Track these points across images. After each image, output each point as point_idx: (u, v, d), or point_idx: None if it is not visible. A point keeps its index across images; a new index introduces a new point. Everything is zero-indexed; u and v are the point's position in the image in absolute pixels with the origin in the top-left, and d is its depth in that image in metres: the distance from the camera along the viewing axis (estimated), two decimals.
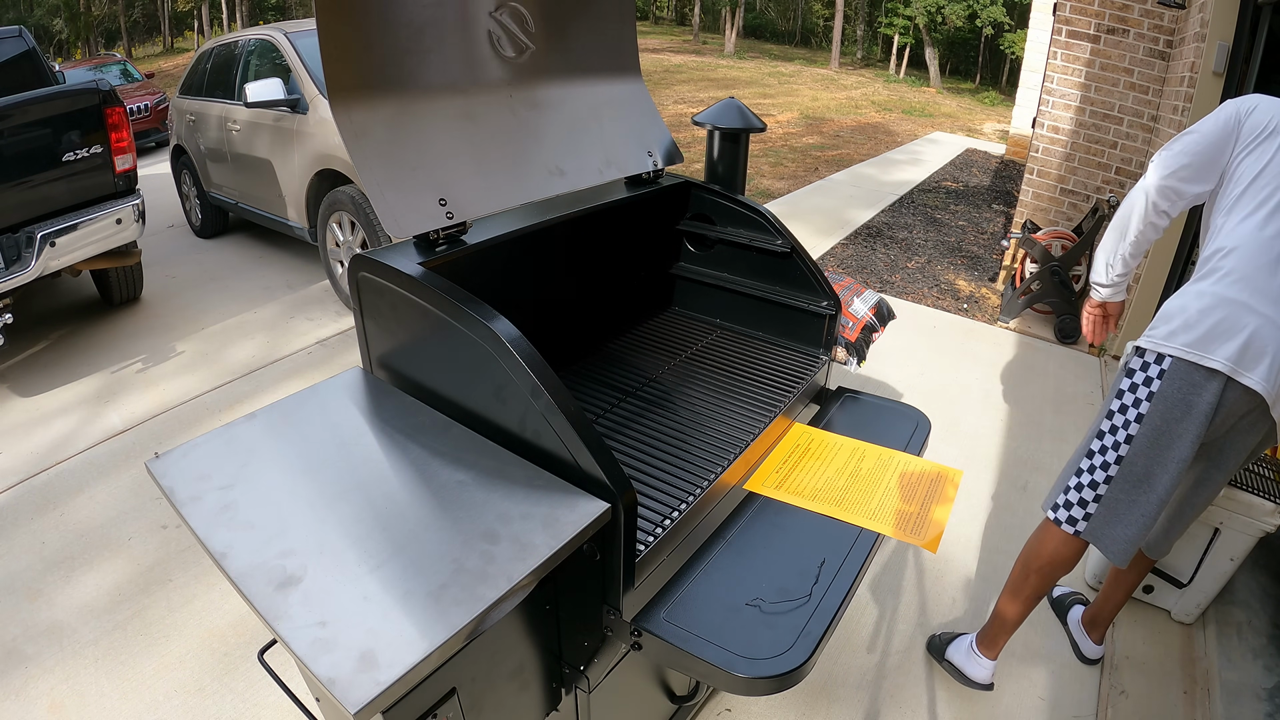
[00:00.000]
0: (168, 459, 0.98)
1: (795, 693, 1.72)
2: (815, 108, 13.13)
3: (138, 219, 3.49)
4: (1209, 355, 1.28)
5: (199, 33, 27.74)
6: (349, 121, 1.08)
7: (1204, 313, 1.31)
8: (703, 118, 1.73)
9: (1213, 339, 1.29)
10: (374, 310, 1.18)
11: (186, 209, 5.76)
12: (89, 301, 4.25)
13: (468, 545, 0.83)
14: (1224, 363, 1.27)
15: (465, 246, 1.19)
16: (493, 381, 0.99)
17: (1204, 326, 1.30)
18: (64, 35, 27.66)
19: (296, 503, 0.90)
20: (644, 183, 1.62)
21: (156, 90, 10.24)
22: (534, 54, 1.34)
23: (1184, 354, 1.31)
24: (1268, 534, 1.75)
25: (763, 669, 0.95)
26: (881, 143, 9.85)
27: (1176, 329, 1.34)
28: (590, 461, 0.91)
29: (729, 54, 24.13)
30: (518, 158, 1.31)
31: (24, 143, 3.03)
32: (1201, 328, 1.30)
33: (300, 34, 4.20)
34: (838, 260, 4.88)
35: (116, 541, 2.28)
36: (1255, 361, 1.26)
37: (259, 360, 3.49)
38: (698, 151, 7.42)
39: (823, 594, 1.08)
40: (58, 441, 2.84)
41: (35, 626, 1.97)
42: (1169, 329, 1.35)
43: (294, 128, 3.97)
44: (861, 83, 18.75)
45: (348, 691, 0.65)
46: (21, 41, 3.65)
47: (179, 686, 1.78)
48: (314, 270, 4.69)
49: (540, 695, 1.09)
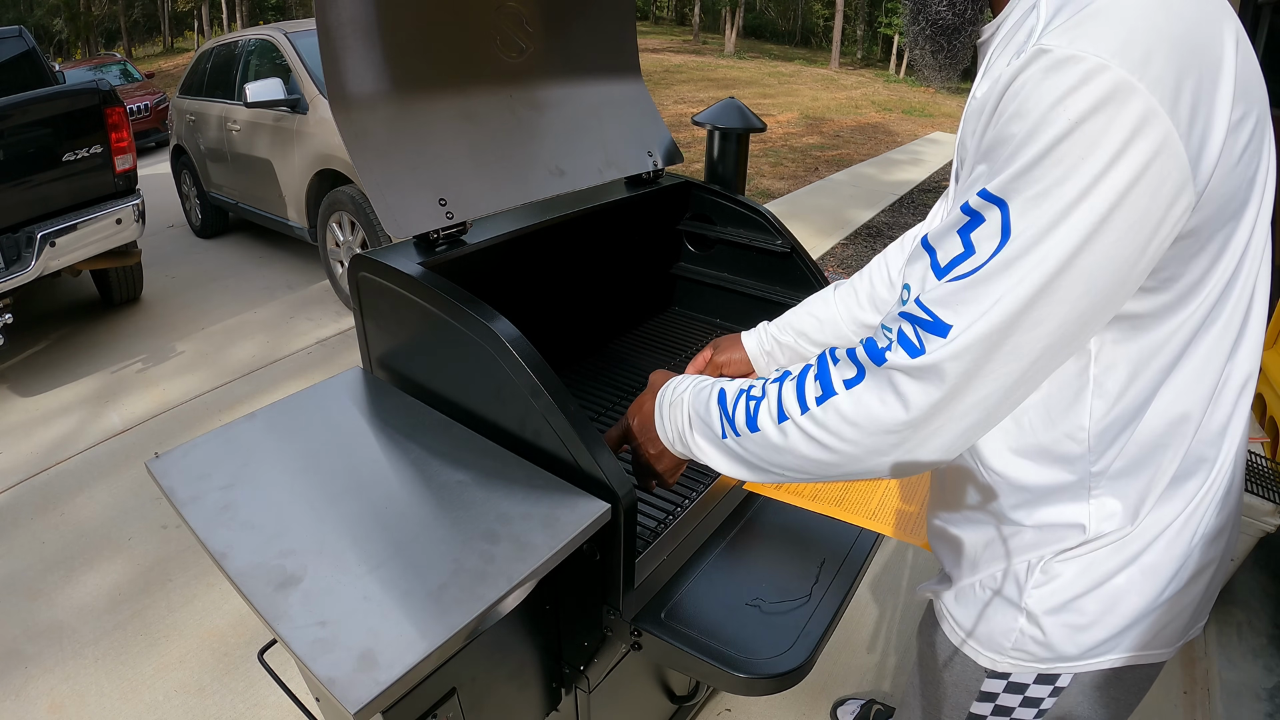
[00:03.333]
0: (168, 459, 0.98)
1: (795, 693, 1.72)
2: (815, 108, 13.13)
3: (138, 219, 3.49)
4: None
5: (199, 33, 27.75)
6: (349, 121, 1.08)
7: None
8: (703, 118, 1.73)
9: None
10: (374, 310, 1.18)
11: (186, 209, 5.76)
12: (89, 301, 4.25)
13: (468, 545, 0.83)
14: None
15: (465, 246, 1.19)
16: (493, 381, 0.99)
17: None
18: (64, 35, 27.68)
19: (296, 503, 0.90)
20: (644, 183, 1.62)
21: (156, 90, 10.24)
22: (534, 54, 1.34)
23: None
24: (1268, 534, 1.75)
25: (763, 669, 0.95)
26: (881, 143, 9.85)
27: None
28: (590, 461, 0.91)
29: (729, 54, 24.14)
30: (518, 158, 1.31)
31: (24, 143, 3.04)
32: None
33: (300, 34, 4.20)
34: (838, 260, 4.88)
35: (116, 541, 2.28)
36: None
37: (259, 360, 3.49)
38: (698, 151, 7.43)
39: (823, 594, 1.08)
40: (58, 441, 2.85)
41: (35, 626, 1.97)
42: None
43: (294, 128, 3.97)
44: (861, 83, 18.75)
45: (348, 691, 0.65)
46: (21, 41, 3.65)
47: (179, 686, 1.79)
48: (314, 270, 4.69)
49: (540, 695, 1.09)
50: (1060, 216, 0.51)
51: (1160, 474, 0.66)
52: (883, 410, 0.59)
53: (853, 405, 0.60)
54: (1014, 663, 0.77)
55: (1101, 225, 0.51)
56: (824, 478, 0.66)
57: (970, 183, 0.57)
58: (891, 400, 0.58)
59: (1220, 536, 0.72)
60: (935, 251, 0.58)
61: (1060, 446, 0.67)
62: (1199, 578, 0.72)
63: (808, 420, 0.63)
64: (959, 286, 0.55)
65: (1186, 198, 0.52)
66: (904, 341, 0.57)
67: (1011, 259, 0.53)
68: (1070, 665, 0.75)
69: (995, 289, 0.54)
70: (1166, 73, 0.49)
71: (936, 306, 0.56)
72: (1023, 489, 0.71)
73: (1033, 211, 0.52)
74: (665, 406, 0.82)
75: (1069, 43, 0.50)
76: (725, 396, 0.74)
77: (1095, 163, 0.50)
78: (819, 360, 0.65)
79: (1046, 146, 0.51)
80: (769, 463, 0.69)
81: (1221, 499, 0.70)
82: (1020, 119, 0.52)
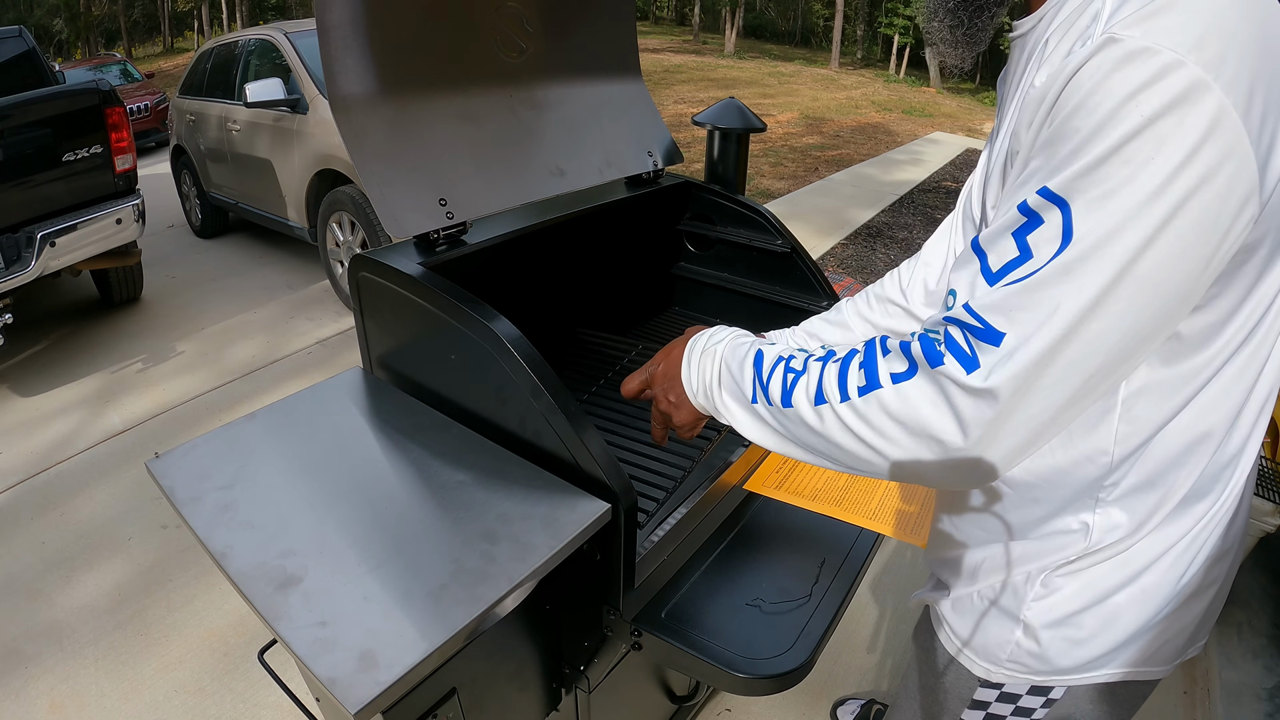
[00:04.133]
0: (168, 459, 0.98)
1: (795, 693, 1.72)
2: (815, 108, 13.13)
3: (138, 219, 3.49)
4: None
5: (199, 33, 27.75)
6: (349, 121, 1.08)
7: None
8: (703, 118, 1.72)
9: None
10: (374, 310, 1.18)
11: (186, 209, 5.76)
12: (89, 301, 4.25)
13: (468, 545, 0.83)
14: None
15: (465, 246, 1.19)
16: (493, 381, 0.99)
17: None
18: (64, 35, 27.68)
19: (296, 503, 0.90)
20: (644, 183, 1.62)
21: (156, 90, 10.24)
22: (534, 54, 1.34)
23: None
24: (1268, 534, 1.75)
25: (763, 669, 0.95)
26: (881, 143, 9.85)
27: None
28: (590, 461, 0.91)
29: (729, 54, 24.14)
30: (518, 158, 1.31)
31: (24, 143, 3.04)
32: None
33: (300, 34, 4.20)
34: (838, 260, 4.88)
35: (116, 541, 2.28)
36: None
37: (259, 360, 3.49)
38: (698, 151, 7.43)
39: (823, 594, 1.08)
40: (58, 441, 2.85)
41: (35, 626, 1.97)
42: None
43: (294, 128, 3.97)
44: (861, 83, 18.75)
45: (348, 691, 0.65)
46: (21, 41, 3.65)
47: (179, 686, 1.79)
48: (314, 270, 4.69)
49: (540, 695, 1.09)
50: (1127, 219, 0.47)
51: (1172, 493, 0.64)
52: (933, 415, 0.54)
53: (900, 403, 0.56)
54: (1009, 674, 0.76)
55: (1169, 230, 0.47)
56: (854, 470, 0.62)
57: (1026, 178, 0.54)
58: (943, 408, 0.54)
59: (1224, 558, 0.70)
60: (986, 255, 0.54)
61: (1079, 469, 0.65)
62: (1199, 598, 0.70)
63: (847, 409, 0.59)
64: (1014, 291, 0.51)
65: (1252, 207, 0.49)
66: (954, 348, 0.53)
67: (1072, 263, 0.49)
68: (1064, 678, 0.73)
69: (1054, 295, 0.50)
70: (1241, 74, 0.46)
71: (989, 313, 0.52)
72: (1034, 503, 0.69)
73: (1098, 213, 0.48)
74: (696, 355, 0.76)
75: (1143, 34, 0.47)
76: (763, 359, 0.68)
77: (1165, 163, 0.46)
78: (866, 347, 0.60)
79: (1115, 144, 0.47)
80: (799, 440, 0.65)
81: (1229, 521, 0.68)
82: (1086, 113, 0.49)
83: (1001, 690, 0.78)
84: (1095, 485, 0.66)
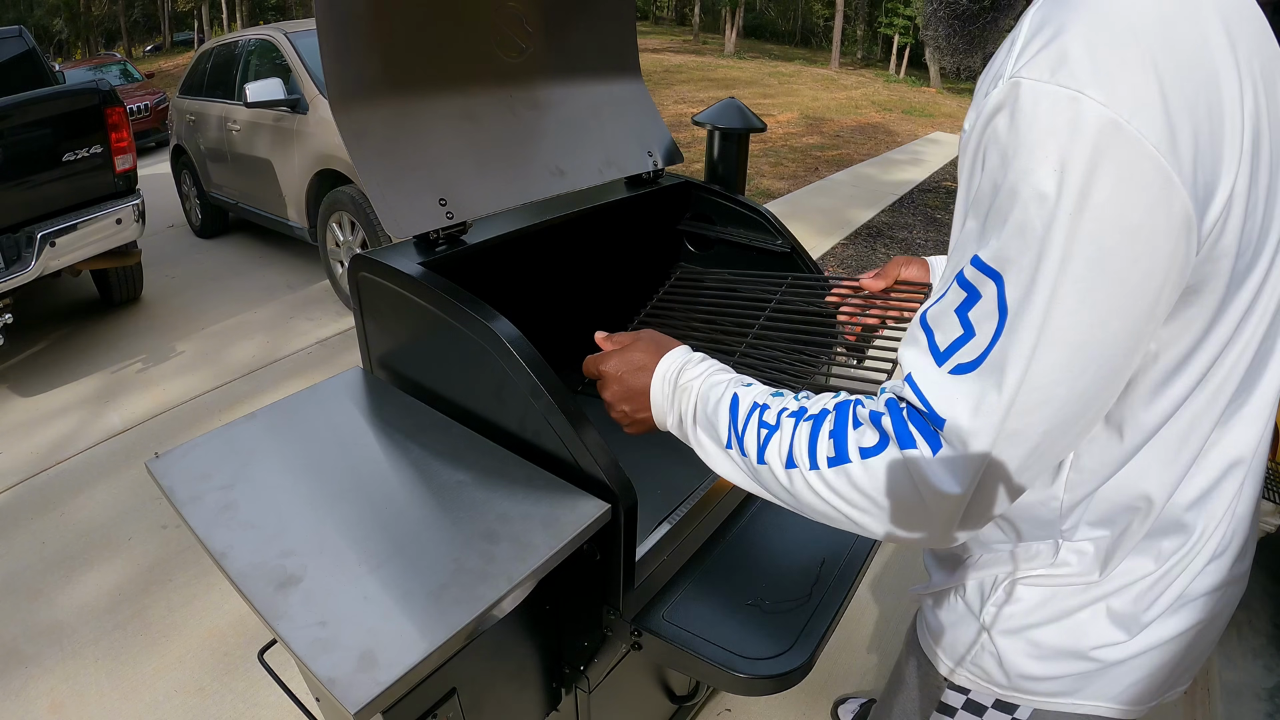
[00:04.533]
0: (168, 459, 0.98)
1: (795, 693, 1.72)
2: (815, 108, 13.12)
3: (138, 219, 3.49)
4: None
5: (198, 33, 27.75)
6: (349, 121, 1.08)
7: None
8: (703, 118, 1.72)
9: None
10: (374, 310, 1.18)
11: (186, 209, 5.76)
12: (89, 301, 4.25)
13: (468, 545, 0.83)
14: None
15: (465, 246, 1.19)
16: (493, 381, 0.99)
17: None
18: (64, 35, 27.68)
19: (296, 503, 0.90)
20: (644, 183, 1.62)
21: (156, 90, 10.25)
22: (534, 54, 1.34)
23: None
24: (1268, 534, 1.75)
25: (763, 669, 0.95)
26: (882, 143, 9.85)
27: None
28: (590, 461, 0.91)
29: (729, 54, 24.14)
30: (518, 158, 1.31)
31: (24, 143, 3.04)
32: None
33: (300, 34, 4.20)
34: (838, 260, 4.88)
35: (116, 541, 2.28)
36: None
37: (259, 360, 3.49)
38: (698, 151, 7.42)
39: (823, 594, 1.08)
40: (58, 441, 2.85)
41: (35, 626, 1.97)
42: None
43: (294, 128, 3.97)
44: (862, 83, 18.75)
45: (348, 691, 0.65)
46: (21, 41, 3.65)
47: (179, 686, 1.79)
48: (314, 270, 4.69)
49: (540, 695, 1.09)
50: (1056, 288, 0.46)
51: (1129, 533, 0.65)
52: (899, 491, 0.55)
53: (868, 479, 0.56)
54: (970, 678, 0.76)
55: (1102, 294, 0.46)
56: (830, 523, 0.62)
57: (964, 241, 0.54)
58: (909, 487, 0.54)
59: (1206, 602, 0.69)
60: (934, 334, 0.54)
61: (1040, 508, 0.67)
62: (1175, 640, 0.69)
63: (816, 478, 0.59)
64: (962, 377, 0.51)
65: (1189, 244, 0.47)
66: (920, 426, 0.54)
67: (1013, 340, 0.49)
68: (1030, 699, 0.73)
69: (997, 376, 0.49)
70: (1158, 104, 0.44)
71: (941, 397, 0.52)
72: (1009, 525, 0.71)
73: (1027, 283, 0.47)
74: (671, 388, 0.74)
75: (1049, 74, 0.45)
76: (738, 407, 0.66)
77: (1089, 222, 0.45)
78: (838, 413, 0.59)
79: (1032, 204, 0.46)
80: (771, 492, 0.65)
81: (1206, 565, 0.67)
82: (1002, 168, 0.48)
83: (967, 697, 0.79)
84: (1054, 524, 0.67)
